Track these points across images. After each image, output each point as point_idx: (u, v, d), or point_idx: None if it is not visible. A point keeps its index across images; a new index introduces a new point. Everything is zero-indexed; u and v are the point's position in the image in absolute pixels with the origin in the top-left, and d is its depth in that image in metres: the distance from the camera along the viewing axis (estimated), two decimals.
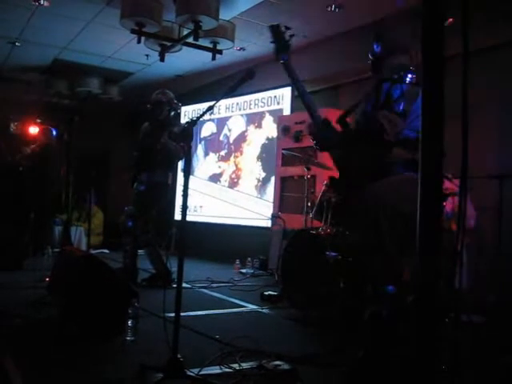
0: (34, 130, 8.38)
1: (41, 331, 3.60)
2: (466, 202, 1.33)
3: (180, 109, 5.97)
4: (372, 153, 1.20)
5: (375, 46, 3.14)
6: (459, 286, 1.66)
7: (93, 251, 7.89)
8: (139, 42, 6.07)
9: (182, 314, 2.74)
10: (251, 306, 4.87)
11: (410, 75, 2.78)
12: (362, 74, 6.38)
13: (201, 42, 6.16)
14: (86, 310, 3.37)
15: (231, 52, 7.49)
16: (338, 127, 3.20)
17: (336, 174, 5.86)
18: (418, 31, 1.30)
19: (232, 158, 8.93)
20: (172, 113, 5.71)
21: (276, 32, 3.14)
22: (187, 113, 10.11)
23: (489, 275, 4.27)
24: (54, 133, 8.10)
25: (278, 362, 2.94)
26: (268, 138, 8.15)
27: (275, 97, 8.11)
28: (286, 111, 7.80)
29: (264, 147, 8.23)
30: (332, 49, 6.89)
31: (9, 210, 7.40)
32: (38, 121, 8.37)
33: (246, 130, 8.67)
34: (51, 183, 8.02)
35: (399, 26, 2.99)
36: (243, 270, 7.13)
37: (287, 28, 3.16)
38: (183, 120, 9.74)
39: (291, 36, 3.16)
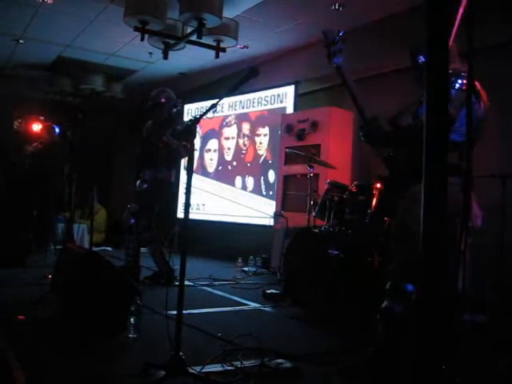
0: (37, 127, 8.38)
1: (43, 328, 3.60)
2: (469, 202, 1.33)
3: (180, 105, 5.96)
4: (420, 155, 1.20)
5: (421, 57, 3.10)
6: (462, 286, 1.66)
7: (95, 248, 7.90)
8: (143, 39, 6.06)
9: (184, 311, 2.74)
10: (253, 304, 4.87)
11: (459, 81, 2.77)
12: (365, 72, 6.38)
13: (204, 39, 6.15)
14: (88, 308, 3.37)
15: (234, 50, 7.49)
16: (388, 127, 3.19)
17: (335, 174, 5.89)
18: None
19: (235, 156, 8.92)
20: (173, 110, 5.71)
21: (329, 36, 3.15)
22: (190, 111, 10.11)
23: (491, 275, 4.26)
24: (57, 130, 8.11)
25: (280, 361, 2.95)
26: (271, 136, 8.14)
27: (278, 95, 8.10)
28: (290, 109, 7.79)
29: (267, 145, 8.22)
30: None
31: (12, 207, 7.42)
32: (42, 118, 8.38)
33: (249, 128, 8.66)
34: (54, 181, 8.03)
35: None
36: (245, 269, 7.12)
37: (339, 32, 3.17)
38: (186, 118, 9.75)
39: (344, 41, 3.17)
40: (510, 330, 3.64)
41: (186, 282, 3.04)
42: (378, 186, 4.37)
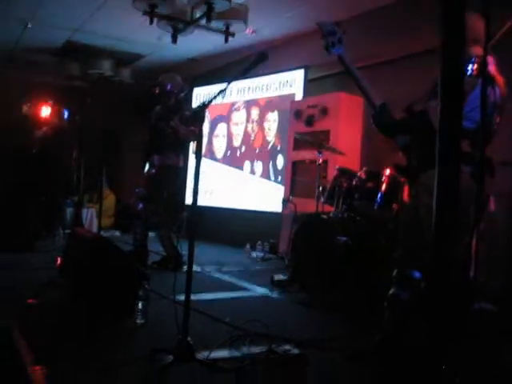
0: (46, 112, 8.39)
1: (52, 312, 3.62)
2: (483, 190, 1.31)
3: (187, 90, 5.94)
4: (432, 142, 1.18)
5: None
6: (474, 275, 1.64)
7: (104, 233, 7.93)
8: (151, 23, 6.03)
9: (192, 297, 2.74)
10: (261, 290, 4.87)
11: (470, 66, 2.74)
12: (372, 59, 6.32)
13: (213, 24, 6.11)
14: (96, 293, 3.38)
15: (244, 35, 7.43)
16: (403, 115, 3.18)
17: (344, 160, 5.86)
18: None
19: (243, 142, 8.90)
20: (181, 95, 5.69)
21: (325, 27, 3.14)
22: (199, 96, 10.07)
23: (502, 263, 4.24)
24: (66, 115, 8.11)
25: (287, 347, 2.95)
26: (280, 122, 8.11)
27: (287, 81, 8.05)
28: (299, 95, 7.75)
29: (276, 131, 8.19)
30: None
31: (20, 191, 7.44)
32: (50, 103, 8.37)
33: (257, 114, 8.63)
34: (63, 165, 8.05)
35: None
36: (253, 254, 7.13)
37: (337, 24, 3.17)
38: (195, 103, 9.71)
39: (344, 32, 3.16)
40: None
41: (194, 268, 3.05)
42: (387, 172, 4.35)
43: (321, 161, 5.48)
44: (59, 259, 4.58)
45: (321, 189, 5.34)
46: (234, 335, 3.10)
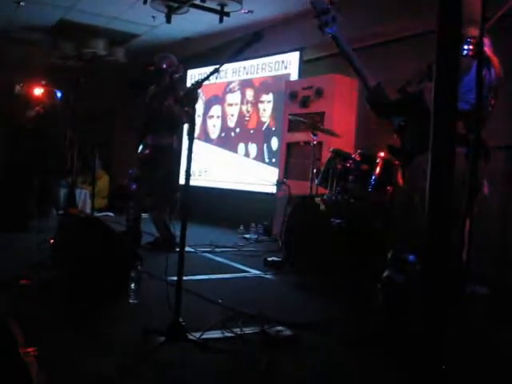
0: (38, 91, 8.30)
1: (44, 293, 3.61)
2: (476, 173, 1.30)
3: (182, 71, 5.89)
4: (426, 124, 1.16)
5: None
6: (466, 258, 1.64)
7: (97, 214, 7.91)
8: (145, 2, 5.97)
9: (184, 277, 2.74)
10: (254, 272, 4.88)
11: (466, 46, 2.71)
12: (368, 40, 6.28)
13: (208, 3, 6.06)
14: (89, 273, 3.38)
15: (239, 15, 7.36)
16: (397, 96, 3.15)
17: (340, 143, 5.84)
18: None
19: (238, 123, 8.86)
20: (176, 75, 5.65)
21: (319, 6, 3.10)
22: (193, 76, 9.99)
23: (495, 247, 4.25)
24: (59, 94, 8.02)
25: (279, 328, 2.95)
26: (275, 103, 8.07)
27: (283, 61, 7.99)
28: (294, 76, 7.70)
29: (270, 112, 8.15)
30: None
31: (14, 171, 7.40)
32: (43, 82, 8.28)
33: (252, 95, 8.58)
34: (56, 145, 7.99)
35: None
36: (247, 236, 7.13)
37: (331, 2, 3.12)
38: (189, 84, 9.64)
39: (338, 11, 3.12)
40: (510, 303, 3.64)
41: (187, 249, 3.04)
42: (382, 154, 4.34)
43: (315, 142, 5.47)
44: (52, 240, 4.56)
45: (315, 171, 5.34)
46: (226, 316, 3.11)
